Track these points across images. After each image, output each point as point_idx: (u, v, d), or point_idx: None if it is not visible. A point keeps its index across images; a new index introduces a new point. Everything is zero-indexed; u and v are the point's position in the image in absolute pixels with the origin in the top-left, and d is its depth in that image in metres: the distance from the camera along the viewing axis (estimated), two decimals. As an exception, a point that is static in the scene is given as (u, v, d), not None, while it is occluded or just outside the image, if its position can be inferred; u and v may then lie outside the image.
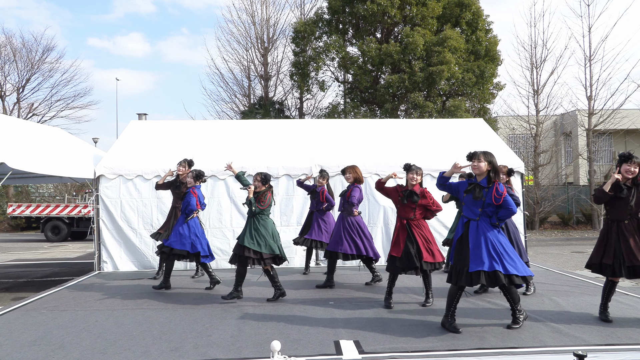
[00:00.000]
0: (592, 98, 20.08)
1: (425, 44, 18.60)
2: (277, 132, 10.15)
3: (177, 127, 10.41)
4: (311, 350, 4.11)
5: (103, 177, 8.64)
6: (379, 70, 20.41)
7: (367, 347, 4.16)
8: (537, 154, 20.91)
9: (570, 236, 18.61)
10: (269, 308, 5.66)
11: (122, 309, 5.71)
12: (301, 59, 20.69)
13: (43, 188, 27.20)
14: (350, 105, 20.31)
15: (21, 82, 27.43)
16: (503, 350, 4.08)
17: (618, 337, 4.36)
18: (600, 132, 20.70)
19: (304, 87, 21.36)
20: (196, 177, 6.83)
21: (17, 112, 27.22)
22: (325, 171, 7.65)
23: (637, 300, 5.78)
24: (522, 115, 21.32)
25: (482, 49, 19.42)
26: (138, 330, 4.81)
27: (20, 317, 5.40)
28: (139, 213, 8.65)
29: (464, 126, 10.69)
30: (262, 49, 24.14)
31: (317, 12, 21.37)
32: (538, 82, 20.91)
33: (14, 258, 14.12)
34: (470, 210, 4.59)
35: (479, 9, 19.81)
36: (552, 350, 4.05)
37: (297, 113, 23.69)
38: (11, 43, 27.51)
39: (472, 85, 18.95)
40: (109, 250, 8.60)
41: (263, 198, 5.93)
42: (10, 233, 23.27)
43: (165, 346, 4.29)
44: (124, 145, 9.44)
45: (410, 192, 5.50)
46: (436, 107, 18.96)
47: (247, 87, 24.65)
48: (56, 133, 10.23)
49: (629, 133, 24.28)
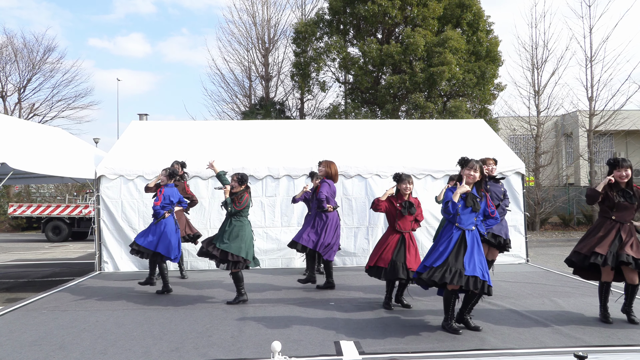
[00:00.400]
0: (593, 99, 20.06)
1: (426, 45, 18.60)
2: (278, 133, 10.15)
3: (178, 128, 10.43)
4: (311, 351, 4.11)
5: (104, 178, 8.65)
6: (379, 71, 20.41)
7: (368, 348, 4.16)
8: (537, 154, 20.89)
9: (571, 237, 18.58)
10: (269, 309, 5.67)
11: (123, 309, 5.72)
12: (302, 59, 20.70)
13: (44, 188, 27.24)
14: (351, 105, 20.31)
15: (22, 83, 27.49)
16: (503, 351, 4.08)
17: (619, 338, 4.36)
18: (601, 133, 20.67)
19: (305, 88, 21.37)
20: (169, 176, 6.72)
21: (19, 113, 27.27)
22: (315, 172, 7.51)
23: (637, 302, 5.77)
24: (523, 116, 21.30)
25: (483, 49, 19.42)
26: (139, 331, 4.81)
27: (21, 317, 5.41)
28: (139, 213, 8.66)
29: (464, 127, 10.69)
30: (263, 50, 24.16)
31: (318, 13, 21.39)
32: (539, 83, 20.89)
33: (14, 258, 14.13)
34: (466, 220, 4.50)
35: (480, 10, 19.81)
36: (553, 352, 4.05)
37: (297, 114, 23.70)
38: (12, 43, 27.58)
39: (473, 86, 18.95)
40: (110, 250, 8.60)
41: (239, 199, 5.83)
42: (11, 233, 23.29)
43: (165, 346, 4.30)
44: (124, 146, 9.45)
45: (410, 202, 5.46)
46: (437, 108, 18.96)
47: (248, 87, 24.67)
48: (57, 133, 10.25)
49: (630, 134, 24.25)
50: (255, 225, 8.75)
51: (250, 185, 6.17)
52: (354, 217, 8.89)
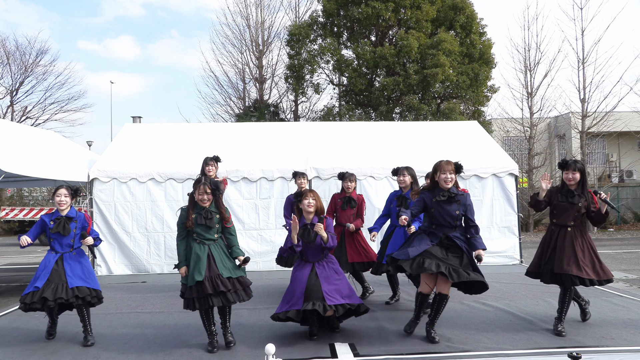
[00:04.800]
0: (586, 101, 20.19)
1: (419, 47, 18.66)
2: (272, 135, 10.14)
3: (172, 130, 10.39)
4: (306, 354, 4.10)
5: (97, 181, 8.60)
6: (373, 73, 20.45)
7: (362, 350, 4.16)
8: (531, 156, 20.99)
9: (565, 238, 18.67)
10: (263, 311, 5.64)
11: (116, 313, 5.68)
12: (296, 61, 20.70)
13: (37, 191, 27.05)
14: (345, 108, 20.32)
15: (14, 85, 27.27)
16: (497, 352, 4.09)
17: (612, 339, 4.38)
18: (593, 134, 20.80)
19: (299, 90, 21.35)
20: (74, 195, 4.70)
21: (11, 116, 27.07)
22: (298, 172, 6.66)
23: (630, 302, 5.80)
24: (516, 118, 21.40)
25: (476, 52, 19.50)
26: (132, 335, 4.78)
27: (13, 322, 5.36)
28: (133, 216, 8.62)
29: (458, 129, 10.72)
30: (257, 52, 24.14)
31: (312, 15, 21.40)
32: (532, 85, 21.01)
33: (7, 262, 14.02)
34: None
35: (473, 12, 19.89)
36: (547, 352, 4.06)
37: (292, 116, 23.69)
38: (4, 46, 27.38)
39: (466, 88, 19.02)
40: (103, 253, 8.55)
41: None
42: (4, 237, 23.10)
43: (158, 350, 4.27)
44: (118, 149, 9.40)
45: (350, 197, 6.01)
46: (431, 110, 19.02)
47: (242, 90, 24.63)
48: (50, 136, 10.18)
49: (622, 135, 24.41)
50: (249, 227, 8.77)
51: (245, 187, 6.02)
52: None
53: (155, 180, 8.71)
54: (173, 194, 8.72)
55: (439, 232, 4.39)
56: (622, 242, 16.70)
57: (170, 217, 8.64)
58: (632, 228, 21.28)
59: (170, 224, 8.62)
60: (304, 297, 4.33)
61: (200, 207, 4.32)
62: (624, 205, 22.25)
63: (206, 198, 4.31)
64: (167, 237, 8.61)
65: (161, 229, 8.65)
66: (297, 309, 4.33)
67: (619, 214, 21.94)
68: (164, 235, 8.63)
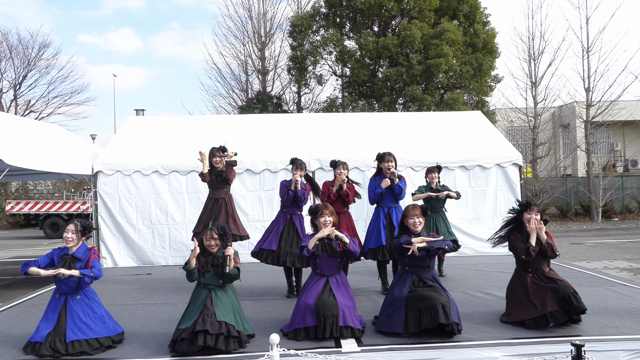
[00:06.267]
0: (590, 90, 20.07)
1: (422, 37, 18.55)
2: (275, 127, 10.13)
3: (175, 123, 10.40)
4: (310, 344, 4.13)
5: (101, 173, 8.63)
6: (376, 64, 20.37)
7: (366, 341, 4.18)
8: (535, 146, 20.91)
9: (569, 228, 18.65)
10: (268, 302, 5.68)
11: (122, 305, 5.73)
12: (298, 53, 20.63)
13: (41, 185, 27.20)
14: (348, 99, 20.27)
15: (18, 79, 27.36)
16: (501, 341, 4.11)
17: (616, 328, 4.38)
18: (598, 123, 20.70)
19: (302, 81, 21.31)
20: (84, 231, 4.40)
21: (15, 109, 27.16)
22: (296, 159, 6.33)
23: (634, 291, 5.80)
24: (520, 108, 21.30)
25: (480, 41, 19.38)
26: (137, 326, 4.82)
27: (20, 314, 5.41)
28: (137, 209, 8.65)
29: (462, 119, 10.68)
30: (260, 44, 24.07)
31: (314, 6, 21.30)
32: (536, 74, 20.88)
33: (13, 255, 14.13)
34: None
35: (477, 2, 19.74)
36: (550, 341, 4.07)
37: (295, 107, 23.67)
38: (7, 40, 27.41)
39: (470, 78, 18.92)
40: (108, 246, 8.60)
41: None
42: (9, 230, 23.27)
43: (164, 341, 4.30)
44: (121, 141, 9.43)
45: (340, 185, 6.01)
46: (434, 100, 18.94)
47: (245, 81, 24.60)
48: (54, 130, 10.22)
49: (626, 124, 24.28)
50: (253, 219, 8.79)
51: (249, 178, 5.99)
52: (350, 210, 8.87)
53: (159, 172, 8.74)
54: (177, 186, 8.76)
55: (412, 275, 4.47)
56: (627, 232, 16.66)
57: (174, 209, 8.68)
58: (637, 217, 21.21)
59: (174, 216, 8.66)
60: (316, 312, 4.26)
61: (209, 253, 4.24)
62: (628, 195, 22.18)
63: (214, 244, 4.21)
64: (172, 229, 8.66)
65: (165, 221, 8.69)
66: (310, 325, 4.25)
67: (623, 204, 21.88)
68: (169, 228, 8.67)
